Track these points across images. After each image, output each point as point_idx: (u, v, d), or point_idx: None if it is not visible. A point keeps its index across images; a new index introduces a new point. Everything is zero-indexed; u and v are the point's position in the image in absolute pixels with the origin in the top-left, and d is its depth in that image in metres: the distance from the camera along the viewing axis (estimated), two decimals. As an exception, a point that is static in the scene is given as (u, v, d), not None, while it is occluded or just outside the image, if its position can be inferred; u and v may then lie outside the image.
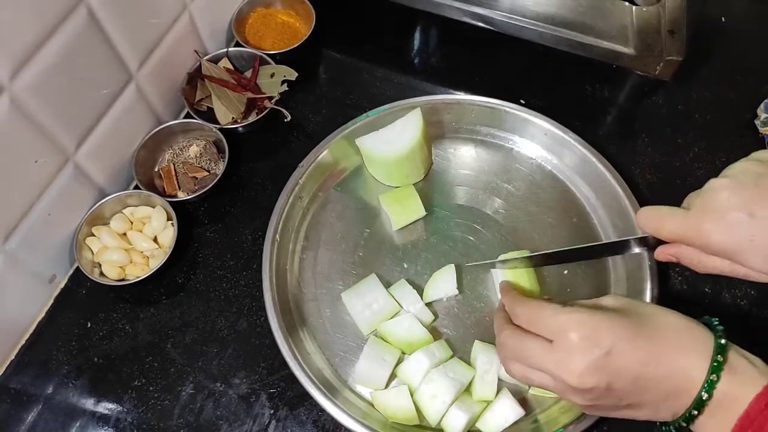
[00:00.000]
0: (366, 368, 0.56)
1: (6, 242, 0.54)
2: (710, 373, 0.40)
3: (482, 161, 0.69)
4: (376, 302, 0.59)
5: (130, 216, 0.64)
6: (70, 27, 0.52)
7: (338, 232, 0.65)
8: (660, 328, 0.43)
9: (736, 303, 0.62)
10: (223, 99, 0.69)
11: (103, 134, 0.60)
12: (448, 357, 0.57)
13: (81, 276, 0.61)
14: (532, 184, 0.68)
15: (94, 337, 0.60)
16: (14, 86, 0.49)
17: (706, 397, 0.40)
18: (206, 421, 0.56)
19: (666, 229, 0.46)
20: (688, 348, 0.41)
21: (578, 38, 0.70)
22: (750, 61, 0.77)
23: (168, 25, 0.64)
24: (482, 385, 0.55)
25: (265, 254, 0.61)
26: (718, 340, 0.41)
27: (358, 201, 0.67)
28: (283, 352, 0.56)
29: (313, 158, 0.66)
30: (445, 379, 0.54)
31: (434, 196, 0.67)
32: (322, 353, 0.59)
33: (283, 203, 0.63)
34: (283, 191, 0.64)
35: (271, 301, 0.59)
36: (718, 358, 0.40)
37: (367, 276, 0.61)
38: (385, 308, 0.59)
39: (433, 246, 0.64)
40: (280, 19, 0.77)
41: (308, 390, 0.55)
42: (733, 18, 0.80)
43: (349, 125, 0.68)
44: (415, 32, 0.80)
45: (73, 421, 0.56)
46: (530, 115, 0.68)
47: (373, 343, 0.57)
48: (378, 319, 0.59)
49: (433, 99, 0.69)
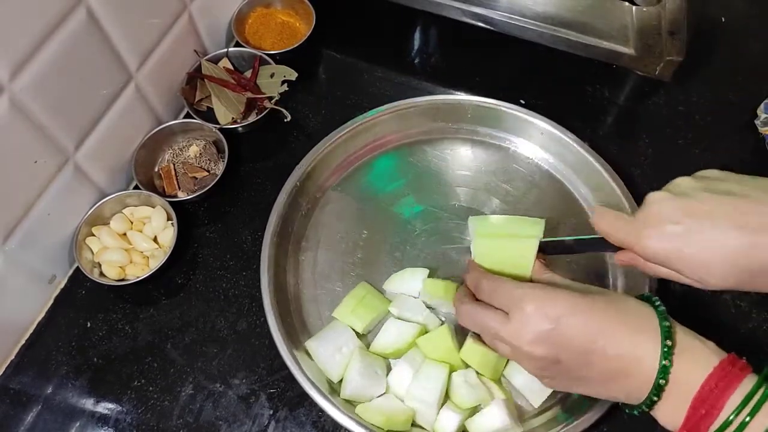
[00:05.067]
0: (359, 383, 0.55)
1: (6, 242, 0.54)
2: (662, 359, 0.41)
3: (480, 161, 0.69)
4: (346, 345, 0.57)
5: (130, 216, 0.64)
6: (70, 27, 0.52)
7: (337, 232, 0.65)
8: (613, 309, 0.44)
9: (735, 303, 0.62)
10: (222, 99, 0.69)
11: (102, 134, 0.60)
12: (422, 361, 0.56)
13: (81, 276, 0.61)
14: (530, 185, 0.68)
15: (94, 338, 0.60)
16: (14, 86, 0.48)
17: (663, 383, 0.41)
18: (206, 422, 0.56)
19: (612, 234, 0.48)
20: (639, 330, 0.43)
21: (578, 38, 0.70)
22: (750, 62, 0.77)
23: (168, 25, 0.64)
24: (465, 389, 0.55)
25: (264, 255, 0.61)
26: (663, 323, 0.43)
27: (358, 201, 0.67)
28: (282, 354, 0.56)
29: (312, 159, 0.66)
30: (426, 382, 0.54)
31: (433, 197, 0.67)
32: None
33: (281, 203, 0.63)
34: (282, 191, 0.64)
35: (269, 302, 0.58)
36: (667, 343, 0.42)
37: (332, 322, 0.59)
38: (355, 349, 0.57)
39: (431, 246, 0.64)
40: (279, 19, 0.77)
41: (307, 391, 0.55)
42: (733, 18, 0.80)
43: (348, 125, 0.67)
44: (415, 32, 0.80)
45: (73, 422, 0.56)
46: (528, 115, 0.68)
47: (360, 357, 0.56)
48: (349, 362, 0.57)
49: (431, 99, 0.69)
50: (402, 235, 0.65)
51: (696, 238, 0.43)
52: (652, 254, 0.45)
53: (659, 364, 0.42)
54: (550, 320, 0.44)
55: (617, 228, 0.48)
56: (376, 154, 0.70)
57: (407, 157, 0.70)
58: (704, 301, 0.62)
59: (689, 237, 0.43)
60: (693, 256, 0.43)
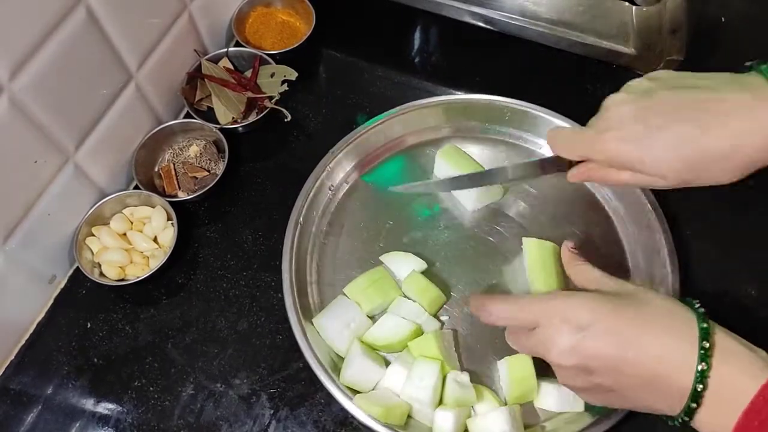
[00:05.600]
0: (358, 369, 0.55)
1: (6, 242, 0.54)
2: (699, 362, 0.39)
3: (506, 162, 0.68)
4: (353, 321, 0.58)
5: (130, 216, 0.64)
6: (70, 27, 0.51)
7: (361, 220, 0.65)
8: (644, 313, 0.43)
9: (736, 303, 0.62)
10: (223, 99, 0.69)
11: (103, 134, 0.60)
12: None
13: (81, 276, 0.61)
14: (554, 188, 0.66)
15: (94, 338, 0.60)
16: (14, 86, 0.48)
17: (701, 388, 0.39)
18: (206, 422, 0.56)
19: (572, 148, 0.49)
20: (673, 334, 0.41)
21: (578, 38, 0.70)
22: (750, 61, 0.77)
23: (168, 24, 0.64)
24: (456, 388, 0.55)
25: (288, 236, 0.61)
26: (701, 324, 0.41)
27: (385, 192, 0.67)
28: (295, 333, 0.57)
29: (344, 145, 0.66)
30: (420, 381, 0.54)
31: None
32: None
33: (309, 187, 0.64)
34: (311, 175, 0.64)
35: (288, 282, 0.59)
36: (704, 345, 0.40)
37: (338, 296, 0.60)
38: (363, 324, 0.58)
39: (453, 244, 0.64)
40: (280, 19, 0.77)
41: (317, 374, 0.55)
42: (733, 18, 0.80)
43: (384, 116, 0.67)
44: (415, 32, 0.80)
45: (73, 422, 0.56)
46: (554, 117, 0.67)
47: (359, 347, 0.56)
48: (357, 337, 0.58)
49: (465, 98, 0.70)
50: (425, 230, 0.65)
51: (657, 136, 0.44)
52: (613, 156, 0.45)
53: (696, 368, 0.39)
54: (575, 331, 0.43)
55: (573, 141, 0.48)
56: (409, 146, 0.70)
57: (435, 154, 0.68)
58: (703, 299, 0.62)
59: (650, 135, 0.44)
60: (654, 152, 0.44)
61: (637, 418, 0.53)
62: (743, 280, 0.62)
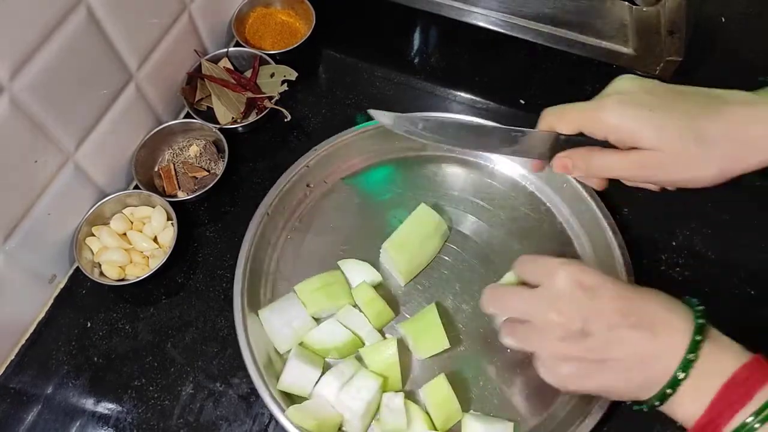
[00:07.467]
0: (295, 373, 0.55)
1: (6, 242, 0.54)
2: (688, 352, 0.41)
3: (459, 179, 0.68)
4: (296, 319, 0.58)
5: (130, 216, 0.64)
6: (70, 27, 0.52)
7: (331, 222, 0.65)
8: (645, 298, 0.44)
9: (735, 303, 0.62)
10: (222, 99, 0.69)
11: (103, 134, 0.60)
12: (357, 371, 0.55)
13: (81, 276, 0.61)
14: (509, 203, 0.66)
15: (94, 337, 0.60)
16: (14, 86, 0.49)
17: (682, 376, 0.40)
18: (206, 421, 0.56)
19: (566, 119, 0.49)
20: (670, 322, 0.42)
21: (578, 38, 0.70)
22: (750, 61, 0.77)
23: (168, 25, 0.64)
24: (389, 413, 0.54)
25: (252, 224, 0.61)
26: (697, 320, 0.42)
27: (362, 197, 0.67)
28: (236, 321, 0.57)
29: (328, 145, 0.66)
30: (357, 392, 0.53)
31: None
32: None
33: (283, 181, 0.64)
34: (288, 170, 0.64)
35: (242, 269, 0.59)
36: (696, 338, 0.41)
37: (288, 293, 0.59)
38: (305, 326, 0.58)
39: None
40: (279, 19, 0.77)
41: (246, 364, 0.55)
42: (733, 18, 0.80)
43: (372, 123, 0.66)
44: (415, 32, 0.80)
45: (73, 421, 0.56)
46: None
47: (299, 351, 0.56)
48: (297, 337, 0.57)
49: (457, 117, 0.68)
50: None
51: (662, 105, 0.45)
52: (614, 125, 0.46)
53: (684, 356, 0.41)
54: (583, 289, 0.43)
55: (573, 112, 0.48)
56: (393, 156, 0.69)
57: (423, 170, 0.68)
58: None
59: (655, 105, 0.45)
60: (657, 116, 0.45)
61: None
62: (741, 281, 0.62)
